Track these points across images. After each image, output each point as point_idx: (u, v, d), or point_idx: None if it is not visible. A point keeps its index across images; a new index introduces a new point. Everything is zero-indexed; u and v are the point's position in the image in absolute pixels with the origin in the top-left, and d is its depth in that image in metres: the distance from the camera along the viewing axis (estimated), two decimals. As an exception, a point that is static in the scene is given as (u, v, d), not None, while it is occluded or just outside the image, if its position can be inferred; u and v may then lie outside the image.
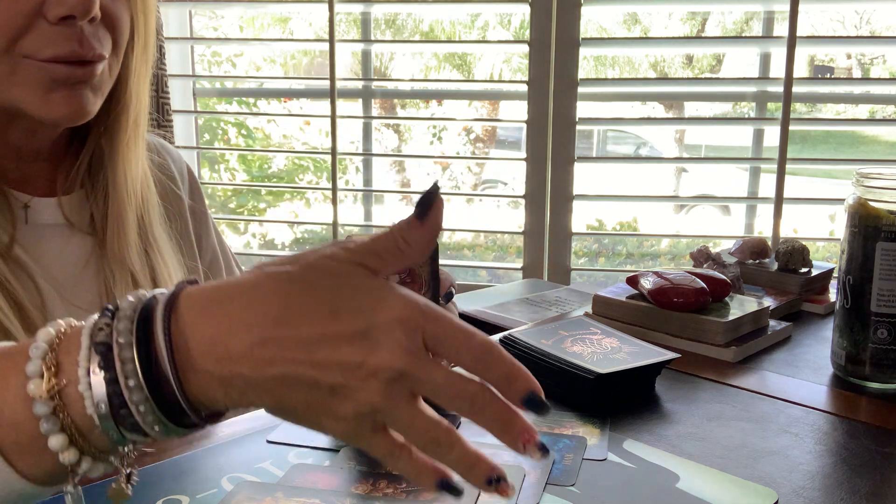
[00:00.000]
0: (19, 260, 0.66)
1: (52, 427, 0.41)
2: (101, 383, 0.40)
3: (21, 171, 0.70)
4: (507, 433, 0.42)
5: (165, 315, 0.41)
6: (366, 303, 0.40)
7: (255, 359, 0.40)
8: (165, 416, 0.41)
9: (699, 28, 6.04)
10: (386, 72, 4.88)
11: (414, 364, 0.40)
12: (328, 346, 0.40)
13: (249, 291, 0.41)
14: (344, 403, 0.40)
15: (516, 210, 1.86)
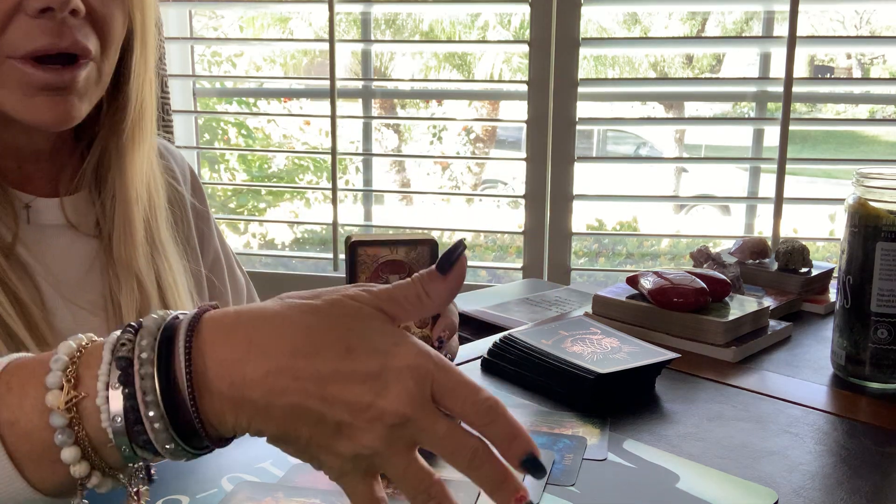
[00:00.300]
0: (21, 259, 0.66)
1: (66, 439, 0.41)
2: (118, 398, 0.41)
3: (23, 171, 0.70)
4: (500, 491, 0.42)
5: (188, 335, 0.42)
6: (381, 346, 0.41)
7: (268, 386, 0.41)
8: (178, 435, 0.42)
9: (699, 28, 6.04)
10: (386, 72, 4.88)
11: (420, 412, 0.41)
12: (340, 383, 0.40)
13: (272, 320, 0.42)
14: (346, 442, 0.41)
15: (516, 210, 1.86)
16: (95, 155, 0.72)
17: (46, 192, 0.71)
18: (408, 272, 0.65)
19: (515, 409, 0.65)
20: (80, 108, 0.65)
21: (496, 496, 0.42)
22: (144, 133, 0.73)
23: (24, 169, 0.70)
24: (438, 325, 0.66)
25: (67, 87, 0.63)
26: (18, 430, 0.42)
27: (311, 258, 2.24)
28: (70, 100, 0.63)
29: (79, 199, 0.72)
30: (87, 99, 0.65)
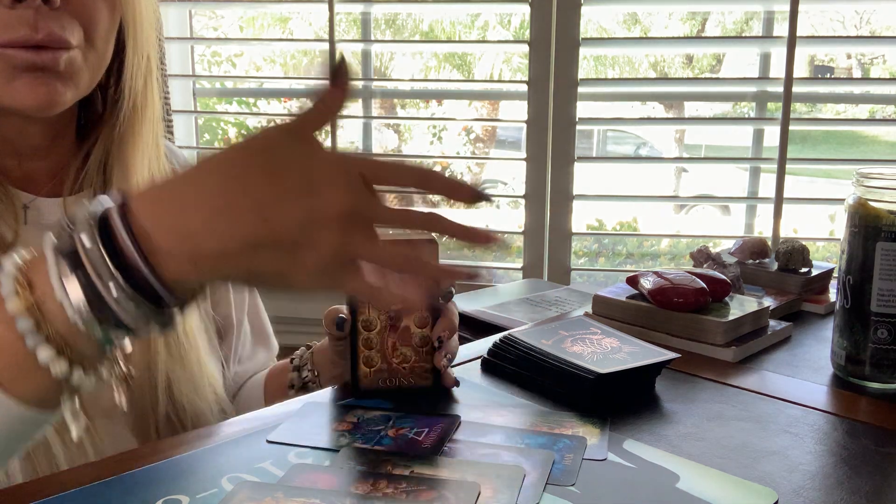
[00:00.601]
0: None
1: (37, 340, 0.43)
2: (75, 287, 0.43)
3: (23, 169, 0.69)
4: (468, 235, 0.46)
5: (121, 213, 0.43)
6: (302, 158, 0.43)
7: (215, 231, 0.43)
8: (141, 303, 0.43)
9: (699, 28, 6.04)
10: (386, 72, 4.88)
11: (360, 201, 0.43)
12: (276, 204, 0.42)
13: (190, 176, 0.44)
14: (308, 254, 0.43)
15: (516, 210, 1.86)
16: (98, 154, 0.72)
17: (49, 192, 0.71)
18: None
19: (515, 408, 0.65)
20: (65, 92, 0.64)
21: (466, 237, 0.47)
22: (143, 130, 0.72)
23: (24, 167, 0.69)
24: (438, 325, 0.66)
25: (49, 68, 0.62)
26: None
27: (311, 258, 2.24)
28: (52, 83, 0.62)
29: (82, 199, 0.72)
30: (72, 85, 0.64)
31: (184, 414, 0.72)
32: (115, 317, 0.43)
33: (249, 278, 0.46)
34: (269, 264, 0.44)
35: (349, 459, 0.55)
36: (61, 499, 0.50)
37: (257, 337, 0.91)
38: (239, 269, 0.44)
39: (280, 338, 0.97)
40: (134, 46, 0.70)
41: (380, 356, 0.66)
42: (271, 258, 0.43)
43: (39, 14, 0.60)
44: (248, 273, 0.44)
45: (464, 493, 0.50)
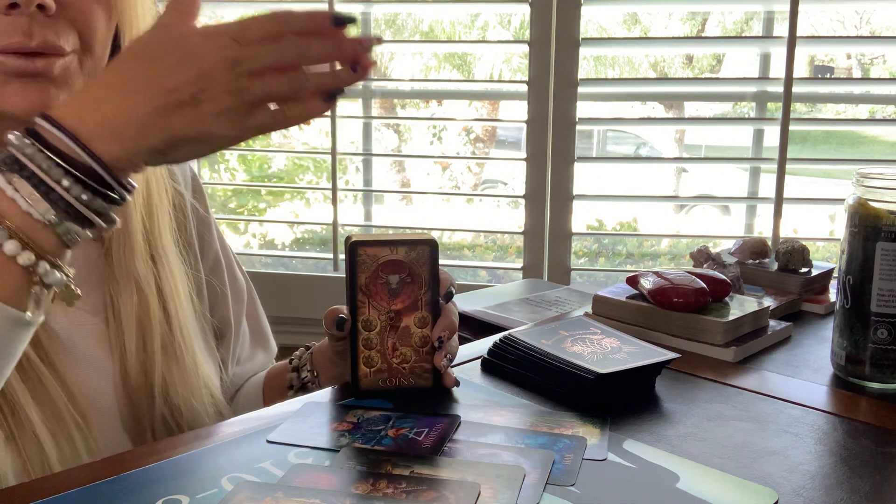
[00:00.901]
0: None
1: (2, 235, 0.49)
2: (24, 184, 0.50)
3: None
4: (343, 49, 0.53)
5: (45, 118, 0.51)
6: (173, 42, 0.51)
7: (127, 109, 0.51)
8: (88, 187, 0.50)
9: (699, 28, 6.03)
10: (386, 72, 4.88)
11: (234, 50, 0.51)
12: (168, 75, 0.50)
13: (96, 80, 0.53)
14: (210, 104, 0.51)
15: (516, 210, 1.86)
16: None
17: None
18: (408, 272, 0.65)
19: (515, 408, 0.65)
20: (58, 97, 0.63)
21: (343, 54, 0.53)
22: None
23: None
24: (438, 325, 0.66)
25: (42, 75, 0.61)
26: None
27: (311, 258, 2.24)
28: (46, 89, 0.62)
29: None
30: (66, 90, 0.64)
31: (179, 415, 0.72)
32: (64, 202, 0.50)
33: (172, 145, 0.52)
34: (182, 124, 0.51)
35: (349, 459, 0.55)
36: (61, 499, 0.50)
37: (256, 338, 0.91)
38: (158, 137, 0.51)
39: (279, 338, 0.97)
40: None
41: (380, 356, 0.66)
42: (181, 119, 0.51)
43: (34, 21, 0.59)
44: (168, 138, 0.52)
45: (464, 493, 0.50)
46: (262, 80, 0.52)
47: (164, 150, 0.53)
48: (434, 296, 0.66)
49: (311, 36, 0.53)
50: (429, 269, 0.66)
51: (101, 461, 0.56)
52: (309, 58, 0.53)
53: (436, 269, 0.66)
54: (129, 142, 0.51)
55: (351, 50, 0.54)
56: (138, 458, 0.56)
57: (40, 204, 0.50)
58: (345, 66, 0.54)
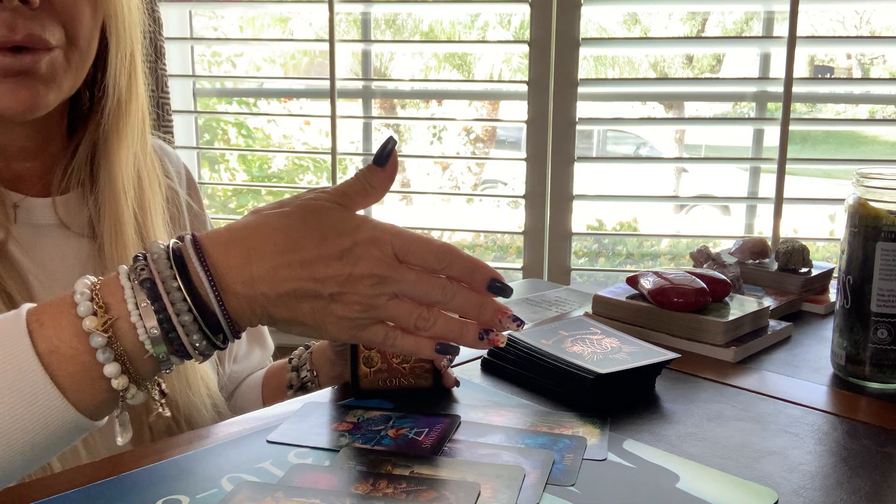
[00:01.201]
0: (13, 258, 0.66)
1: (108, 356, 0.48)
2: (150, 313, 0.49)
3: (12, 169, 0.69)
4: (483, 313, 0.53)
5: (196, 251, 0.50)
6: (346, 229, 0.51)
7: (273, 279, 0.50)
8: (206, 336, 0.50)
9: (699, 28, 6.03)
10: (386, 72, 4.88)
11: (388, 270, 0.51)
12: (323, 264, 0.50)
13: (259, 228, 0.52)
14: (340, 307, 0.51)
15: (516, 210, 1.86)
16: (83, 152, 0.71)
17: (39, 192, 0.70)
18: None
19: (515, 408, 0.65)
20: (47, 95, 0.63)
21: (481, 317, 0.53)
22: (128, 127, 0.72)
23: (13, 168, 0.69)
24: None
25: (29, 72, 0.61)
26: (60, 356, 0.48)
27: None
28: (34, 86, 0.62)
29: (71, 198, 0.72)
30: (54, 87, 0.63)
31: (177, 411, 0.72)
32: (179, 343, 0.50)
33: (288, 322, 0.52)
34: (307, 312, 0.51)
35: (349, 459, 0.55)
36: (61, 499, 0.50)
37: (252, 336, 0.91)
38: (283, 314, 0.51)
39: (278, 337, 0.97)
40: (117, 44, 0.69)
41: (380, 356, 0.66)
42: (310, 307, 0.51)
43: (18, 15, 0.59)
44: (289, 318, 0.52)
45: (464, 493, 0.50)
46: (397, 306, 0.52)
47: (277, 322, 0.53)
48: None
49: (462, 285, 0.52)
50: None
51: (100, 461, 0.56)
52: (449, 306, 0.52)
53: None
54: (258, 308, 0.51)
55: (490, 318, 0.53)
56: (138, 458, 0.56)
57: (157, 337, 0.49)
58: (474, 328, 0.53)
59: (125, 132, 0.71)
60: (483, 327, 0.53)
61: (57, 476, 0.54)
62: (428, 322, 0.52)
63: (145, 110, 0.74)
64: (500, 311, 0.53)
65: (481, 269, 0.53)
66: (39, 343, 0.48)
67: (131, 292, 0.49)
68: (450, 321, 0.53)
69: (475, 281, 0.53)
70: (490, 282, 0.53)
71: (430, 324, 0.52)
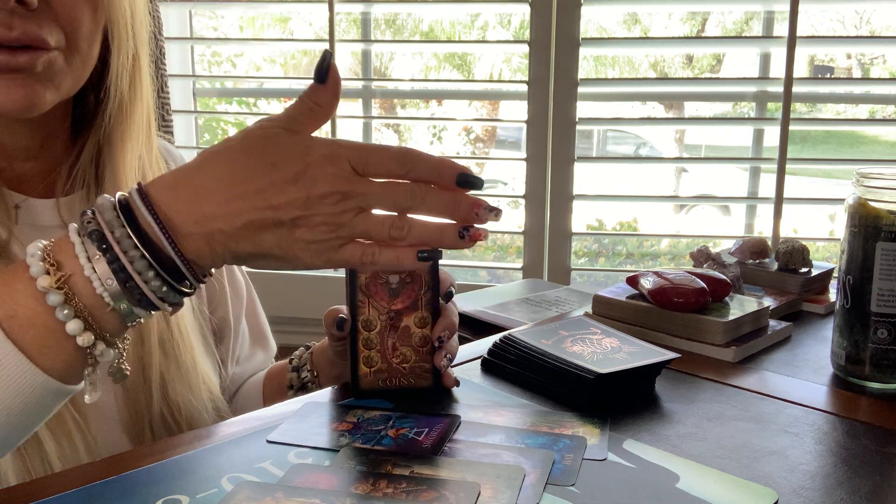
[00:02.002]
0: (16, 258, 0.66)
1: (68, 313, 0.48)
2: (103, 265, 0.48)
3: (14, 170, 0.69)
4: (458, 210, 0.51)
5: (142, 199, 0.49)
6: (296, 151, 0.49)
7: (225, 213, 0.49)
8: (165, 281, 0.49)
9: (699, 28, 6.03)
10: (386, 72, 4.87)
11: (348, 184, 0.49)
12: (277, 190, 0.48)
13: (205, 165, 0.50)
14: (306, 231, 0.49)
15: (516, 210, 1.86)
16: (88, 154, 0.71)
17: (42, 193, 0.70)
18: (408, 272, 0.65)
19: (515, 408, 0.65)
20: (44, 94, 0.63)
21: (456, 214, 0.51)
22: (132, 129, 0.71)
23: (15, 168, 0.69)
24: (438, 325, 0.66)
25: (26, 70, 0.61)
26: (19, 321, 0.48)
27: (311, 258, 2.23)
28: (32, 85, 0.61)
29: (75, 199, 0.72)
30: (51, 87, 0.63)
31: (178, 413, 0.72)
32: (139, 292, 0.49)
33: (255, 256, 0.51)
34: (272, 242, 0.50)
35: (349, 459, 0.55)
36: (61, 499, 0.50)
37: (255, 338, 0.91)
38: (246, 248, 0.50)
39: (279, 338, 0.97)
40: (118, 46, 0.69)
41: (380, 356, 0.66)
42: (273, 237, 0.49)
43: (15, 15, 0.59)
44: (254, 251, 0.50)
45: (464, 493, 0.50)
46: (366, 219, 0.50)
47: (244, 259, 0.51)
48: (434, 296, 0.66)
49: (430, 186, 0.51)
50: (429, 268, 0.66)
51: (101, 461, 0.56)
52: (420, 210, 0.51)
53: (436, 269, 0.66)
54: (217, 246, 0.50)
55: (466, 213, 0.51)
56: (138, 458, 0.56)
57: (115, 289, 0.48)
58: (452, 227, 0.52)
59: (129, 134, 0.71)
60: (461, 224, 0.52)
61: (57, 476, 0.54)
62: (403, 230, 0.50)
63: (151, 112, 0.74)
64: (475, 204, 0.51)
65: (447, 165, 0.51)
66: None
67: (81, 246, 0.48)
68: (426, 224, 0.51)
69: (443, 178, 0.51)
70: (459, 176, 0.51)
71: (406, 231, 0.50)
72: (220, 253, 0.50)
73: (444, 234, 0.52)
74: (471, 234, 0.52)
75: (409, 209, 0.51)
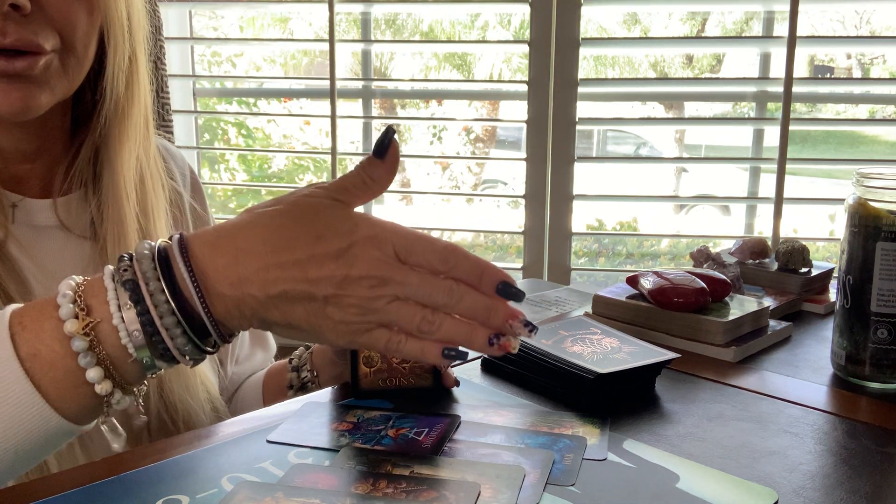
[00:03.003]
0: (12, 258, 0.66)
1: (90, 361, 0.47)
2: (133, 315, 0.47)
3: (11, 171, 0.69)
4: (493, 317, 0.49)
5: (182, 252, 0.48)
6: (343, 227, 0.48)
7: (262, 280, 0.48)
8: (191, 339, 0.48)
9: (699, 28, 6.03)
10: (386, 72, 4.88)
11: (389, 271, 0.48)
12: (317, 264, 0.47)
13: (248, 227, 0.49)
14: (337, 310, 0.48)
15: (516, 210, 1.86)
16: (86, 154, 0.71)
17: (39, 193, 0.70)
18: (408, 272, 0.65)
19: (515, 408, 0.65)
20: (40, 98, 0.63)
21: (491, 322, 0.50)
22: (129, 130, 0.71)
23: (11, 169, 0.69)
24: None
25: (22, 75, 0.61)
26: (41, 361, 0.47)
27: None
28: (28, 89, 0.61)
29: (72, 199, 0.71)
30: (47, 90, 0.63)
31: (175, 413, 0.71)
32: (163, 346, 0.48)
33: (283, 326, 0.50)
34: (301, 315, 0.49)
35: (349, 459, 0.55)
36: (61, 499, 0.50)
37: (255, 338, 0.91)
38: (275, 317, 0.49)
39: (279, 338, 0.97)
40: (114, 48, 0.69)
41: (380, 356, 0.66)
42: (304, 310, 0.48)
43: (9, 20, 0.59)
44: (284, 319, 0.49)
45: (464, 493, 0.50)
46: (398, 309, 0.48)
47: (270, 325, 0.50)
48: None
49: (469, 288, 0.49)
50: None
51: (100, 461, 0.55)
52: (456, 310, 0.49)
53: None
54: (247, 310, 0.49)
55: (500, 323, 0.49)
56: (138, 458, 0.55)
57: (140, 341, 0.48)
58: (483, 332, 0.50)
59: (126, 135, 0.71)
60: (493, 332, 0.50)
61: (57, 476, 0.54)
62: (433, 325, 0.49)
63: (148, 113, 0.74)
64: (511, 314, 0.50)
65: (490, 271, 0.49)
66: (21, 347, 0.47)
67: (114, 293, 0.48)
68: (457, 323, 0.50)
69: (483, 284, 0.49)
70: (500, 285, 0.49)
71: (436, 327, 0.49)
72: (249, 317, 0.49)
73: (473, 337, 0.50)
74: (501, 344, 0.50)
75: (444, 307, 0.49)
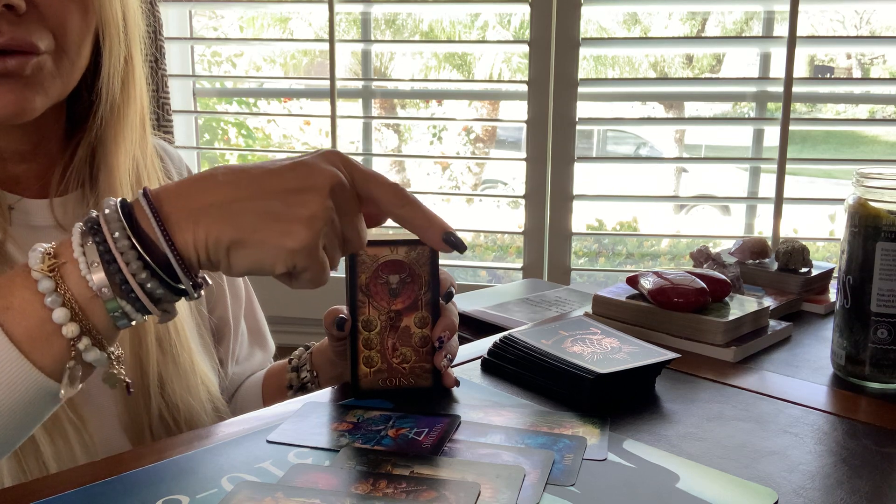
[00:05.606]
0: (12, 259, 0.66)
1: (54, 300, 0.48)
2: (93, 251, 0.48)
3: (7, 171, 0.69)
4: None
5: (145, 197, 0.50)
6: (297, 159, 0.53)
7: (219, 198, 0.50)
8: (153, 276, 0.49)
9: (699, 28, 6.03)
10: (386, 72, 4.87)
11: (342, 180, 0.53)
12: (274, 177, 0.51)
13: (209, 175, 0.52)
14: (296, 212, 0.50)
15: (516, 210, 1.86)
16: (82, 154, 0.71)
17: (37, 193, 0.70)
18: (408, 272, 0.65)
19: (515, 408, 0.65)
20: (34, 100, 0.62)
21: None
22: (125, 131, 0.71)
23: (9, 169, 0.69)
24: (438, 326, 0.66)
25: (15, 75, 0.60)
26: (14, 313, 0.48)
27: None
28: (21, 90, 0.61)
29: (70, 199, 0.71)
30: (41, 91, 0.63)
31: (177, 413, 0.71)
32: (125, 283, 0.48)
33: (239, 242, 0.50)
34: (251, 223, 0.50)
35: (349, 459, 0.55)
36: (61, 499, 0.50)
37: (254, 338, 0.91)
38: (230, 231, 0.50)
39: (279, 338, 0.97)
40: (109, 49, 0.68)
41: (380, 356, 0.66)
42: (255, 220, 0.50)
43: (3, 19, 0.59)
44: (238, 235, 0.50)
45: (464, 493, 0.50)
46: (350, 218, 0.55)
47: (226, 247, 0.50)
48: (434, 296, 0.66)
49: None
50: (429, 269, 0.66)
51: (100, 461, 0.55)
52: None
53: (436, 269, 0.66)
54: (201, 232, 0.50)
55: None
56: (138, 458, 0.55)
57: (101, 279, 0.48)
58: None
59: (122, 135, 0.71)
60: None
61: (57, 476, 0.54)
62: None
63: (145, 113, 0.74)
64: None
65: (437, 220, 0.58)
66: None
67: (79, 237, 0.49)
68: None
69: (430, 230, 0.58)
70: (446, 235, 0.58)
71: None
72: (202, 237, 0.50)
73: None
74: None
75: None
